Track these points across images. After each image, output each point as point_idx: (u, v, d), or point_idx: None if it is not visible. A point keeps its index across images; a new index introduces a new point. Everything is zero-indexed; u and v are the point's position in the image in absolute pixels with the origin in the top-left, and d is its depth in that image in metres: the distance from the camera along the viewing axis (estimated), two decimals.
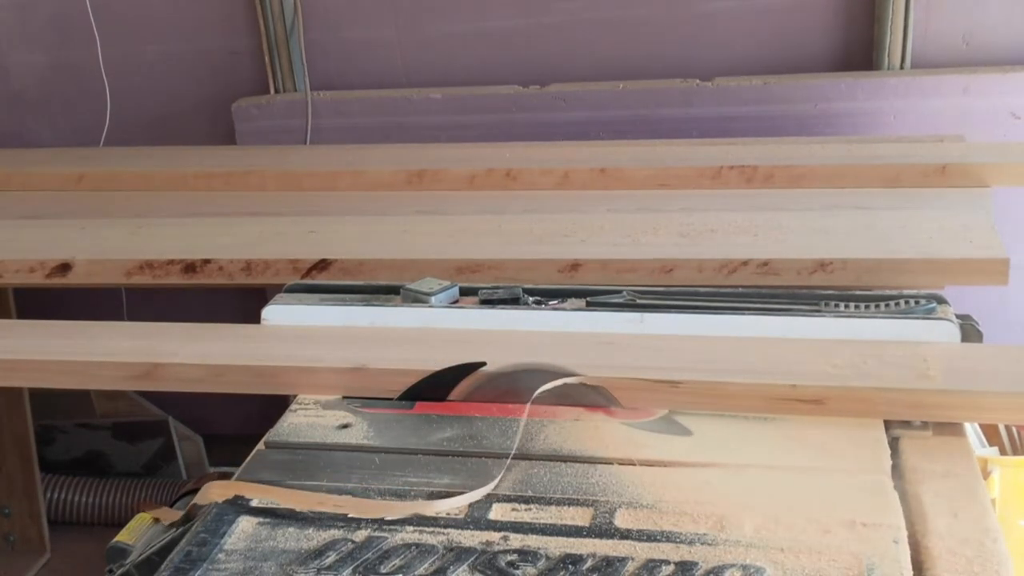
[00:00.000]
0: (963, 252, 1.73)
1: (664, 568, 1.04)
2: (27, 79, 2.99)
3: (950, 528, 1.08)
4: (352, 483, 1.21)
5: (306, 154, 2.67)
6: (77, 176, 2.51)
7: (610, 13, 2.70)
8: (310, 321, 1.60)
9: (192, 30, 2.87)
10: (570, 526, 1.11)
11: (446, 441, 1.30)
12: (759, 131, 2.58)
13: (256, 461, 1.29)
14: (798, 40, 2.66)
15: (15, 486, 2.83)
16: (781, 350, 1.43)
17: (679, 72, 2.68)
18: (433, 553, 1.08)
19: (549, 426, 1.33)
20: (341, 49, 2.82)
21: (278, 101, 2.82)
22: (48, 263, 1.98)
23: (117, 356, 1.54)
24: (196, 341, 1.57)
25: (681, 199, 2.17)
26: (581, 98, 2.70)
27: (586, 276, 1.84)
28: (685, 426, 1.32)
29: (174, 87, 2.92)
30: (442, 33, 2.78)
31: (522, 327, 1.55)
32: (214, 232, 2.11)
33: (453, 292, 1.63)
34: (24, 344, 1.64)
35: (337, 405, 1.41)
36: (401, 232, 2.07)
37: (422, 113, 2.75)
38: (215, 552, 1.10)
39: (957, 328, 1.44)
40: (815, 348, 1.43)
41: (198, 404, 2.78)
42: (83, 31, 2.85)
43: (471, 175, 2.35)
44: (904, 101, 2.56)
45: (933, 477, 1.18)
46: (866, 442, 1.27)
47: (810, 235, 1.92)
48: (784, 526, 1.09)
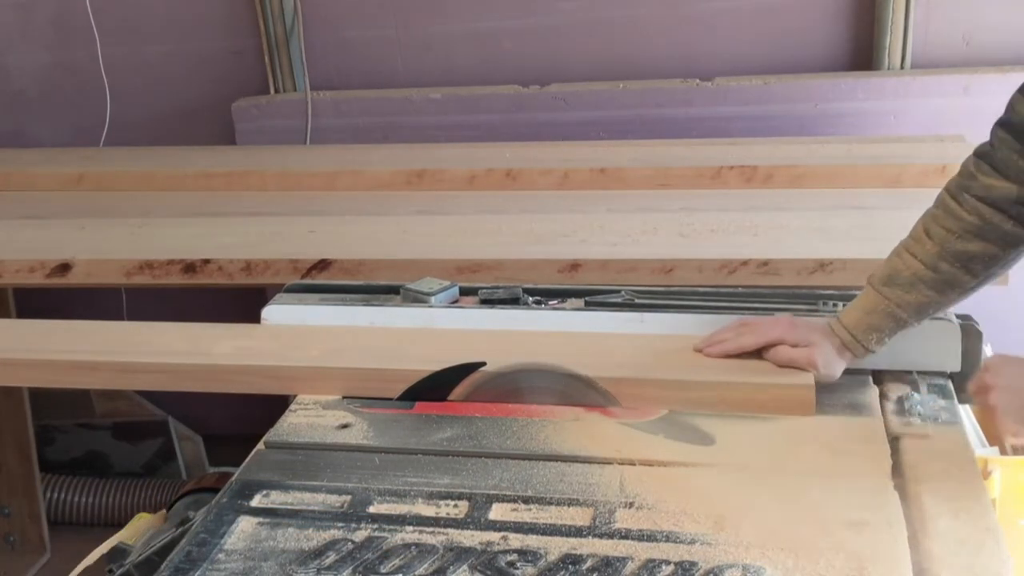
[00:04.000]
0: None
1: (664, 568, 1.04)
2: (27, 79, 2.99)
3: (950, 528, 1.08)
4: (352, 483, 1.21)
5: (306, 154, 2.68)
6: (77, 176, 2.51)
7: (611, 13, 2.70)
8: (310, 321, 1.60)
9: (192, 30, 2.87)
10: (570, 526, 1.11)
11: (446, 441, 1.30)
12: (759, 131, 2.58)
13: (256, 461, 1.29)
14: (798, 40, 2.66)
15: (15, 486, 2.83)
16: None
17: (679, 72, 2.68)
18: (433, 553, 1.08)
19: (549, 426, 1.33)
20: (341, 49, 2.82)
21: (278, 101, 2.82)
22: (48, 263, 1.98)
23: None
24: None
25: (681, 199, 2.18)
26: (581, 98, 2.70)
27: (586, 276, 1.84)
28: (685, 426, 1.32)
29: (174, 87, 2.92)
30: (442, 33, 2.78)
31: (522, 327, 1.55)
32: (214, 232, 2.11)
33: (453, 292, 1.63)
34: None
35: (337, 405, 1.41)
36: (401, 232, 2.07)
37: (422, 113, 2.75)
38: (215, 552, 1.10)
39: (957, 328, 1.44)
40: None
41: (198, 404, 2.78)
42: (83, 31, 2.85)
43: (471, 175, 2.35)
44: (904, 101, 2.56)
45: (933, 477, 1.18)
46: (866, 442, 1.27)
47: (810, 235, 1.92)
48: (784, 526, 1.09)
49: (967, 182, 1.30)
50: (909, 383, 1.41)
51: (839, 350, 1.36)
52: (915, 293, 1.32)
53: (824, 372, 1.35)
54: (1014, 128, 1.27)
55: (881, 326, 1.34)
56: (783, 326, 1.39)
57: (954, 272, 1.31)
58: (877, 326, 1.34)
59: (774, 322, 1.41)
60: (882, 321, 1.34)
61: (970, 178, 1.30)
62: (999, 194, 1.27)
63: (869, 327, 1.35)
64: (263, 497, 1.20)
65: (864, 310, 1.35)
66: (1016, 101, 1.28)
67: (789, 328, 1.38)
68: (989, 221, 1.28)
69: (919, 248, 1.32)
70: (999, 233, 1.28)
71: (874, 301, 1.34)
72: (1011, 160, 1.26)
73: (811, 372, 1.35)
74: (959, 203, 1.30)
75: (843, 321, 1.37)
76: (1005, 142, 1.28)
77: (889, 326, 1.34)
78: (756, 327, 1.41)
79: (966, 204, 1.29)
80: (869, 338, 1.35)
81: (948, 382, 1.42)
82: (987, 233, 1.28)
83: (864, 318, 1.35)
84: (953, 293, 1.33)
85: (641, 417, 1.35)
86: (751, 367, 1.39)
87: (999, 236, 1.28)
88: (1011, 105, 1.28)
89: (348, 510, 1.16)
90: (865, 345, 1.35)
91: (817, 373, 1.35)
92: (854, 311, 1.36)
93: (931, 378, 1.42)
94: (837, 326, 1.37)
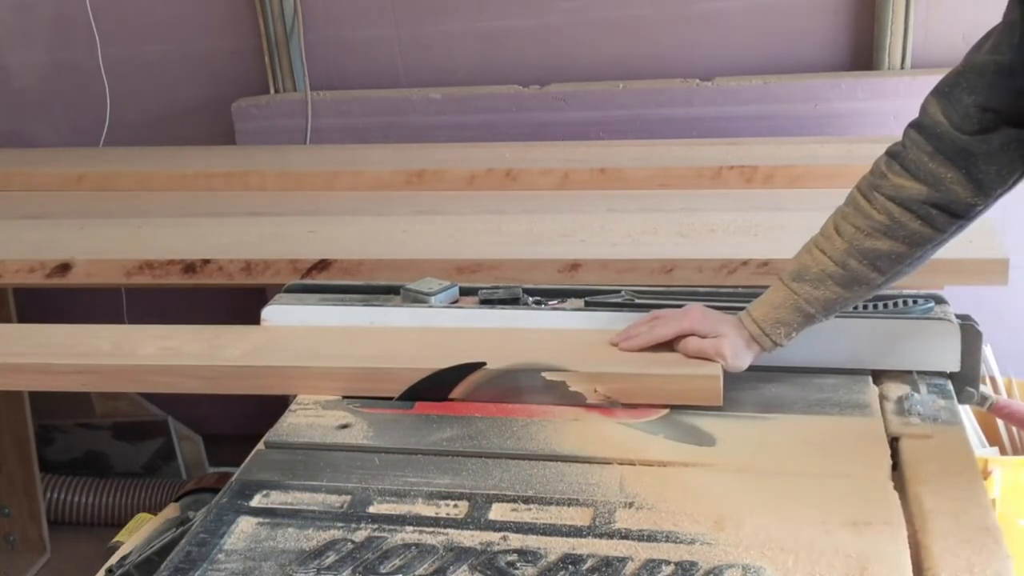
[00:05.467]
0: (963, 252, 1.73)
1: (664, 568, 1.04)
2: (27, 79, 2.99)
3: (950, 528, 1.08)
4: (352, 483, 1.21)
5: (306, 154, 2.67)
6: (77, 176, 2.51)
7: (610, 13, 2.70)
8: (310, 321, 1.60)
9: (192, 30, 2.87)
10: (570, 526, 1.11)
11: (446, 441, 1.30)
12: (759, 131, 2.58)
13: (256, 461, 1.29)
14: (798, 40, 2.66)
15: (15, 486, 2.82)
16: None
17: (679, 72, 2.68)
18: (433, 553, 1.08)
19: (549, 426, 1.33)
20: (341, 49, 2.82)
21: (278, 101, 2.82)
22: (48, 263, 1.98)
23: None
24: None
25: (681, 199, 2.18)
26: (581, 98, 2.70)
27: (586, 276, 1.84)
28: (685, 426, 1.32)
29: (174, 87, 2.92)
30: (442, 33, 2.78)
31: (522, 327, 1.55)
32: (214, 232, 2.11)
33: (453, 292, 1.63)
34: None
35: (337, 405, 1.41)
36: (401, 232, 2.07)
37: (422, 113, 2.75)
38: (215, 552, 1.10)
39: (957, 328, 1.44)
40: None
41: (198, 404, 2.79)
42: (83, 31, 2.85)
43: (471, 175, 2.35)
44: (904, 101, 2.55)
45: (933, 477, 1.18)
46: (866, 442, 1.27)
47: (810, 235, 1.92)
48: (784, 526, 1.09)
49: (878, 181, 1.33)
50: (909, 383, 1.41)
51: (748, 342, 1.39)
52: (823, 289, 1.34)
53: (732, 363, 1.38)
54: (925, 130, 1.30)
55: (789, 320, 1.36)
56: (693, 317, 1.42)
57: (862, 269, 1.33)
58: (785, 320, 1.37)
59: (684, 313, 1.44)
60: (790, 316, 1.36)
61: (881, 177, 1.32)
62: (908, 194, 1.30)
63: (777, 321, 1.37)
64: (263, 497, 1.20)
65: (772, 304, 1.38)
66: (929, 103, 1.31)
67: (699, 319, 1.41)
68: (898, 220, 1.30)
69: (829, 245, 1.35)
70: (907, 232, 1.30)
71: (783, 296, 1.37)
72: (921, 161, 1.29)
73: (719, 363, 1.37)
74: (869, 202, 1.32)
75: (752, 314, 1.39)
76: (916, 143, 1.30)
77: (797, 320, 1.37)
78: (668, 319, 1.44)
79: (876, 203, 1.32)
80: (777, 332, 1.37)
81: (948, 382, 1.42)
82: (895, 232, 1.31)
83: (772, 312, 1.37)
84: (860, 290, 1.35)
85: (641, 417, 1.35)
86: (662, 359, 1.41)
87: (907, 235, 1.31)
88: (924, 107, 1.31)
89: (348, 510, 1.16)
90: (773, 339, 1.38)
91: (725, 364, 1.37)
92: (763, 305, 1.39)
93: (931, 378, 1.43)
94: (747, 319, 1.39)
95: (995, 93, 1.24)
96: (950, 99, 1.27)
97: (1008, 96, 1.24)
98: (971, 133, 1.26)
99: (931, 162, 1.28)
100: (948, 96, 1.28)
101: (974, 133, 1.26)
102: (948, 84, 1.29)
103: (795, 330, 1.37)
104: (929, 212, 1.29)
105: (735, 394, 1.38)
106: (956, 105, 1.27)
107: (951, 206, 1.29)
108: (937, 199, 1.28)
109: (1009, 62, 1.23)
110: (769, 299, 1.38)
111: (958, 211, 1.29)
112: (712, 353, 1.38)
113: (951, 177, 1.27)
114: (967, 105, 1.26)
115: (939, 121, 1.28)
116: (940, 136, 1.28)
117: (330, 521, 1.14)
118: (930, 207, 1.29)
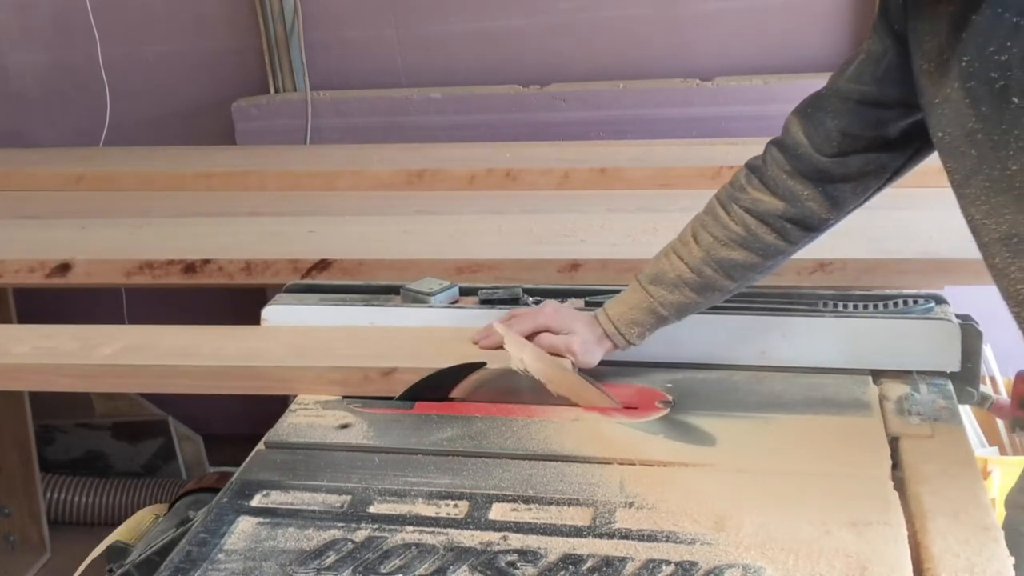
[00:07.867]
0: (963, 252, 1.72)
1: (664, 568, 1.04)
2: (27, 79, 2.99)
3: (950, 528, 1.08)
4: (352, 483, 1.21)
5: (306, 154, 2.67)
6: (77, 176, 2.51)
7: (610, 13, 2.70)
8: (310, 321, 1.60)
9: (192, 30, 2.87)
10: (570, 526, 1.11)
11: (446, 441, 1.30)
12: (759, 131, 2.56)
13: (256, 461, 1.29)
14: (798, 40, 2.66)
15: (15, 486, 2.83)
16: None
17: (679, 72, 2.68)
18: (433, 553, 1.08)
19: (549, 426, 1.33)
20: (341, 49, 2.82)
21: (278, 101, 2.82)
22: (48, 263, 1.98)
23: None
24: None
25: (681, 199, 2.17)
26: (581, 98, 2.70)
27: (586, 276, 1.84)
28: (685, 426, 1.32)
29: (174, 87, 2.92)
30: (442, 33, 2.78)
31: None
32: (214, 232, 2.11)
33: (453, 292, 1.63)
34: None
35: (337, 405, 1.41)
36: (401, 232, 2.07)
37: (422, 113, 2.75)
38: (215, 552, 1.10)
39: (957, 328, 1.44)
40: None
41: (198, 404, 2.77)
42: (83, 31, 2.85)
43: (471, 175, 2.35)
44: None
45: (933, 477, 1.18)
46: (866, 442, 1.27)
47: None
48: (784, 526, 1.09)
49: (737, 193, 1.37)
50: (909, 383, 1.41)
51: (599, 339, 1.42)
52: (677, 293, 1.38)
53: (582, 359, 1.41)
54: (786, 149, 1.33)
55: (643, 321, 1.40)
56: (546, 314, 1.46)
57: (716, 277, 1.37)
58: (639, 321, 1.40)
59: (538, 311, 1.47)
60: (644, 316, 1.40)
61: (740, 190, 1.36)
62: (765, 208, 1.34)
63: (632, 321, 1.41)
64: (263, 497, 1.20)
65: (628, 304, 1.41)
66: (791, 123, 1.34)
67: (552, 316, 1.45)
68: (754, 232, 1.34)
69: (686, 252, 1.39)
70: (762, 244, 1.35)
71: (639, 297, 1.41)
72: (780, 178, 1.33)
73: (569, 358, 1.40)
74: (727, 213, 1.36)
75: (608, 313, 1.42)
76: (776, 161, 1.34)
77: (651, 321, 1.41)
78: (523, 317, 1.47)
79: (734, 214, 1.36)
80: (631, 331, 1.41)
81: (948, 382, 1.42)
82: (750, 243, 1.35)
83: (627, 312, 1.41)
84: (713, 295, 1.40)
85: (641, 417, 1.35)
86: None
87: (761, 247, 1.35)
88: (786, 126, 1.35)
89: (348, 510, 1.16)
90: (627, 337, 1.41)
91: (575, 359, 1.40)
92: (619, 304, 1.42)
93: (931, 378, 1.43)
94: (602, 317, 1.43)
95: (857, 120, 1.28)
96: (813, 121, 1.31)
97: (870, 124, 1.28)
98: (831, 155, 1.30)
99: (789, 179, 1.32)
100: (811, 118, 1.31)
101: (833, 156, 1.30)
102: (811, 106, 1.33)
103: (648, 330, 1.41)
104: (784, 226, 1.34)
105: (736, 394, 1.38)
106: (818, 127, 1.30)
107: (806, 221, 1.33)
108: (793, 214, 1.33)
109: (873, 93, 1.26)
110: (626, 299, 1.42)
111: (812, 225, 1.34)
112: (563, 349, 1.41)
113: (808, 194, 1.32)
114: (829, 129, 1.30)
115: (800, 142, 1.31)
116: (800, 156, 1.32)
117: (330, 521, 1.14)
118: (786, 221, 1.33)
